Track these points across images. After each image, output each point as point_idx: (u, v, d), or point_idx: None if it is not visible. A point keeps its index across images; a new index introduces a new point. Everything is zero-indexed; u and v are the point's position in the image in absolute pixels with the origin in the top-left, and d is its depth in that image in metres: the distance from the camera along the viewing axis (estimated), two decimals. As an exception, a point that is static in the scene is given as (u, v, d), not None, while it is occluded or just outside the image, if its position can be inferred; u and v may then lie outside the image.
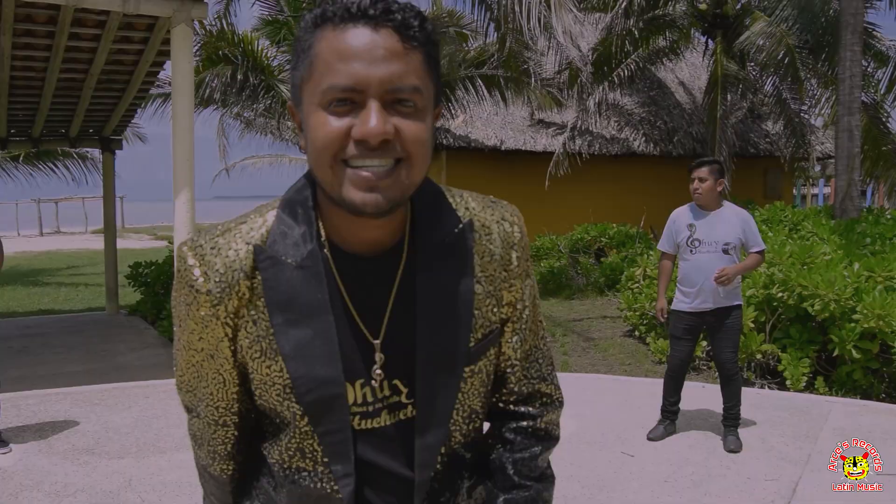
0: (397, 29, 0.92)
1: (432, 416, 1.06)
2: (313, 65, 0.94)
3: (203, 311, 1.03)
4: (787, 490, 4.08)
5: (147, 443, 4.82)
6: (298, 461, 1.08)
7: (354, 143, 0.92)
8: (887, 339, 5.87)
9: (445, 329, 1.05)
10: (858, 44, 9.23)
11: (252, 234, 1.04)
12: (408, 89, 0.92)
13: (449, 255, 1.07)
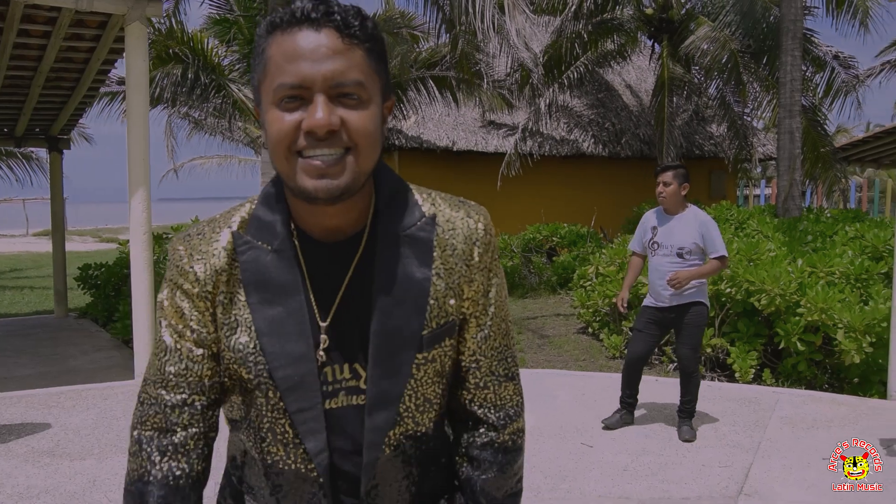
0: (338, 29, 1.01)
1: (382, 399, 1.10)
2: (266, 67, 1.03)
3: (187, 287, 1.11)
4: (740, 475, 4.26)
5: (109, 443, 4.77)
6: (270, 446, 1.12)
7: (304, 134, 1.00)
8: (829, 331, 6.14)
9: (398, 315, 1.10)
10: (798, 49, 9.60)
11: (233, 222, 1.13)
12: (350, 83, 1.01)
13: (408, 246, 1.12)
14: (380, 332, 1.09)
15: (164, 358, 1.14)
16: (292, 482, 1.13)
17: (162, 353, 1.14)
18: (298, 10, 1.01)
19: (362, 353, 1.11)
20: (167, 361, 1.13)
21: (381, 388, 1.10)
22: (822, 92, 13.54)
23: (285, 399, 1.08)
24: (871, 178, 26.24)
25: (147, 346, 6.41)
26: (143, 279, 6.40)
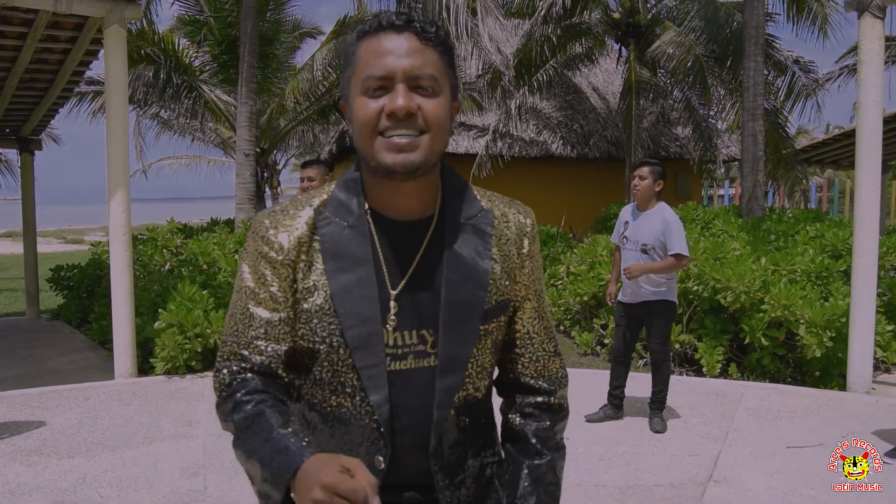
0: (416, 33, 1.20)
1: (451, 363, 1.26)
2: (356, 64, 1.23)
3: (272, 255, 1.26)
4: (709, 463, 4.47)
5: (95, 442, 4.83)
6: (339, 397, 1.26)
7: (387, 116, 1.18)
8: (792, 327, 6.40)
9: (465, 289, 1.27)
10: (761, 54, 9.90)
11: (314, 201, 1.30)
12: (426, 77, 1.19)
13: (470, 233, 1.30)
14: (450, 303, 1.26)
15: (245, 322, 1.28)
16: (355, 430, 1.26)
17: (243, 318, 1.28)
18: (384, 19, 1.21)
19: (430, 321, 1.27)
20: (249, 326, 1.27)
21: (450, 353, 1.26)
22: (783, 95, 13.92)
23: (354, 356, 1.23)
24: (831, 178, 26.92)
25: (128, 346, 6.46)
26: (122, 280, 6.44)
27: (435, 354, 1.27)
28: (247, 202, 10.23)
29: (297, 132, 17.29)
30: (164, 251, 9.04)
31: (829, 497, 3.97)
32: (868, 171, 6.01)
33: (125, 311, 6.45)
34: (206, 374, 6.62)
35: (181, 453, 4.65)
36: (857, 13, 5.98)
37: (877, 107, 6.01)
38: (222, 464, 4.47)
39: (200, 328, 6.56)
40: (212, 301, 6.95)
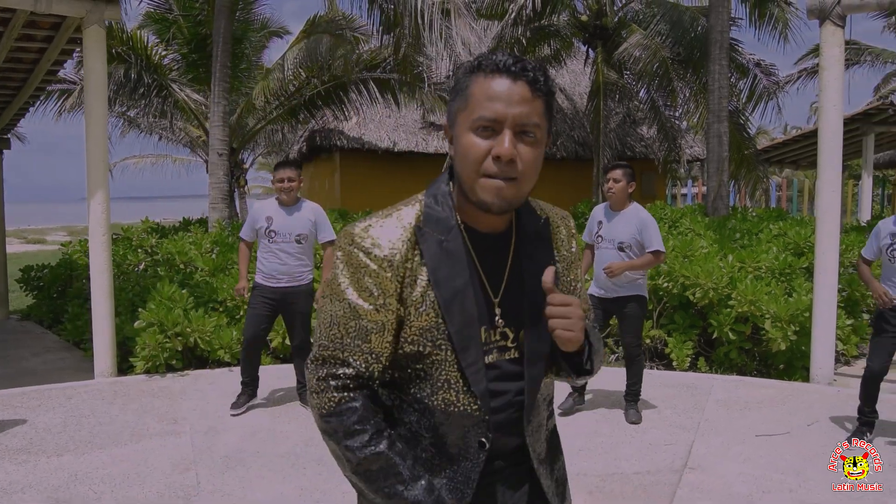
0: (529, 82, 1.33)
1: (536, 355, 1.46)
2: (468, 100, 1.35)
3: (380, 270, 1.37)
4: (683, 452, 4.68)
5: (83, 440, 4.87)
6: (444, 393, 1.41)
7: (492, 158, 1.32)
8: (758, 321, 6.66)
9: (541, 292, 1.42)
10: (725, 58, 10.20)
11: (409, 217, 1.42)
12: (531, 125, 1.33)
13: (538, 240, 1.50)
14: (532, 306, 1.45)
15: (347, 330, 1.40)
16: (460, 420, 1.42)
17: (346, 327, 1.40)
18: (501, 62, 1.33)
19: (512, 321, 1.45)
20: (353, 335, 1.39)
21: (534, 348, 1.46)
22: (745, 97, 14.30)
23: (459, 355, 1.39)
24: (789, 178, 27.61)
25: (108, 345, 6.48)
26: (102, 280, 6.46)
27: (515, 348, 1.45)
28: (220, 201, 10.24)
29: (265, 131, 17.26)
30: (139, 251, 9.02)
31: (798, 482, 4.19)
32: (829, 173, 6.28)
33: (105, 311, 6.47)
34: (186, 372, 6.66)
35: (169, 450, 4.72)
36: (819, 21, 6.25)
37: (837, 110, 6.28)
38: (212, 459, 4.56)
39: (181, 327, 6.60)
40: (191, 300, 6.99)
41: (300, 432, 5.06)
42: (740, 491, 4.08)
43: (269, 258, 5.38)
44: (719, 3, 10.09)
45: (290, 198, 5.39)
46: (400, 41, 11.89)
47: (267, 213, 5.40)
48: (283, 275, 5.37)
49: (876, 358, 4.79)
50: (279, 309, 5.48)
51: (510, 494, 1.53)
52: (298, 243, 5.37)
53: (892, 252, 4.72)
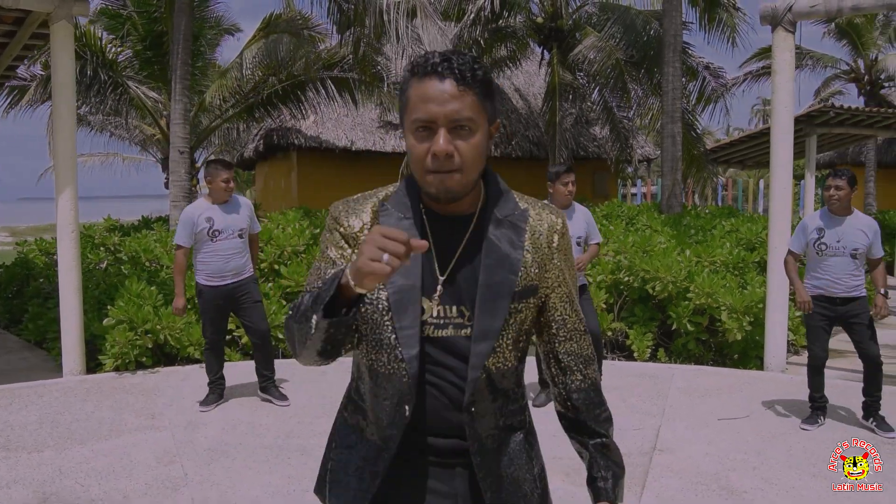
0: (456, 79, 1.41)
1: (484, 333, 1.51)
2: (407, 105, 1.47)
3: (340, 230, 1.57)
4: (651, 436, 4.91)
5: (61, 436, 4.87)
6: (377, 353, 1.53)
7: (431, 156, 1.43)
8: (714, 313, 6.96)
9: (499, 274, 1.52)
10: (678, 61, 10.56)
11: (379, 196, 1.60)
12: (464, 119, 1.42)
13: (507, 228, 1.56)
14: (485, 285, 1.53)
15: (325, 266, 1.55)
16: (389, 382, 1.54)
17: (324, 264, 1.56)
18: (430, 64, 1.43)
19: (468, 299, 1.54)
20: (327, 269, 1.55)
21: (484, 324, 1.52)
22: (694, 98, 14.76)
23: (394, 316, 1.51)
24: (734, 177, 28.44)
25: (76, 343, 6.44)
26: (71, 277, 6.43)
27: (471, 326, 1.54)
28: (182, 199, 10.17)
29: (220, 129, 17.13)
30: (101, 249, 8.94)
31: (760, 461, 4.46)
32: (781, 172, 6.61)
33: (74, 309, 6.43)
34: (157, 369, 6.67)
35: (151, 443, 4.76)
36: (771, 27, 6.57)
37: (788, 111, 6.61)
38: (196, 451, 4.62)
39: (151, 324, 6.60)
40: (160, 297, 6.99)
41: (280, 425, 5.14)
42: (707, 470, 4.33)
43: (213, 258, 5.39)
44: (672, 7, 10.44)
45: (229, 196, 5.46)
46: (359, 40, 11.99)
47: (206, 215, 5.38)
48: (229, 273, 5.42)
49: (815, 345, 5.12)
50: (230, 306, 5.55)
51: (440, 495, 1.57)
52: (241, 238, 5.47)
53: (819, 246, 5.05)
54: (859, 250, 4.96)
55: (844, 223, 5.02)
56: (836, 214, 5.06)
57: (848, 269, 4.97)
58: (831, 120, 13.05)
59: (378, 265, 1.17)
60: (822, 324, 5.06)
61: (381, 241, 1.19)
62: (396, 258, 1.18)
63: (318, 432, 4.95)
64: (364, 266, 1.19)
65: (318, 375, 6.52)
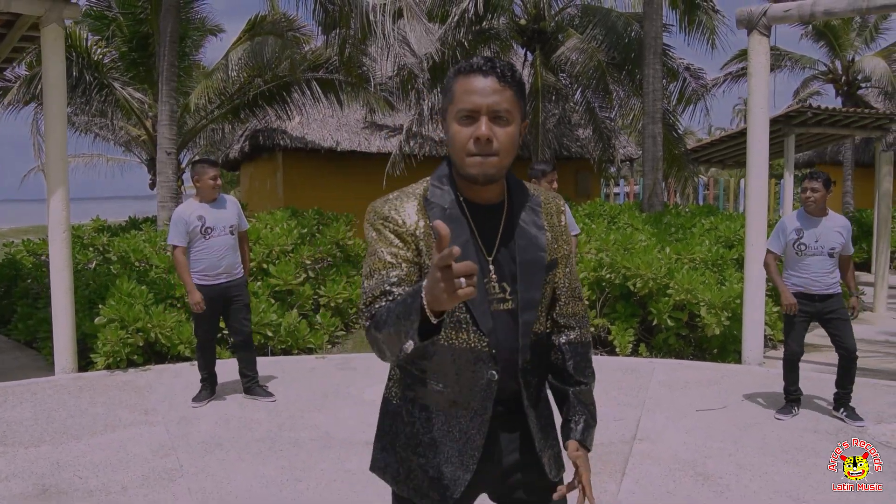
0: (497, 77, 1.65)
1: (528, 304, 1.76)
2: (452, 98, 1.69)
3: (394, 228, 1.71)
4: (632, 426, 5.09)
5: (57, 431, 4.98)
6: (457, 333, 1.71)
7: (473, 140, 1.65)
8: (694, 308, 7.16)
9: (532, 251, 1.77)
10: (659, 62, 10.76)
11: (417, 194, 1.77)
12: (503, 110, 1.65)
13: (529, 212, 1.82)
14: (524, 262, 1.76)
15: (383, 271, 1.68)
16: (470, 355, 1.72)
17: (379, 272, 1.68)
18: (475, 64, 1.67)
19: (508, 276, 1.75)
20: (384, 278, 1.67)
21: (527, 296, 1.76)
22: (675, 99, 14.99)
23: (468, 301, 1.67)
24: (715, 176, 28.79)
25: (68, 342, 6.54)
26: (63, 277, 6.52)
27: (512, 300, 1.75)
28: (169, 200, 10.26)
29: (205, 130, 17.17)
30: (90, 249, 9.01)
31: (735, 448, 4.65)
32: (757, 170, 6.81)
33: (65, 308, 6.53)
34: (149, 367, 6.77)
35: (146, 437, 4.88)
36: (747, 31, 6.77)
37: (763, 112, 6.82)
38: (190, 445, 4.74)
39: (142, 323, 6.71)
40: (151, 296, 7.09)
41: (271, 419, 5.27)
42: (685, 457, 4.50)
43: (206, 256, 5.51)
44: (653, 10, 10.64)
45: (215, 194, 5.59)
46: (345, 41, 12.11)
47: (197, 213, 5.51)
48: (222, 271, 5.55)
49: (791, 340, 5.33)
50: (221, 305, 5.66)
51: (507, 437, 1.82)
52: (231, 234, 5.60)
53: (799, 246, 5.26)
54: (836, 249, 5.17)
55: (821, 224, 5.22)
56: (813, 215, 5.26)
57: (825, 268, 5.18)
58: (809, 120, 13.30)
59: (464, 291, 1.29)
60: (801, 319, 5.26)
61: (451, 272, 1.30)
62: (471, 283, 1.31)
63: (310, 425, 5.09)
64: (449, 297, 1.30)
65: (307, 372, 6.66)
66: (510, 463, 1.84)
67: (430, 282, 1.33)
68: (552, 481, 1.87)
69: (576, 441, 1.85)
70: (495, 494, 1.91)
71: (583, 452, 1.84)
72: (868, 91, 20.56)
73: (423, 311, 1.38)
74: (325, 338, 7.83)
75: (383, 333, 1.54)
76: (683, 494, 3.99)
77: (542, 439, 1.85)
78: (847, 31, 18.68)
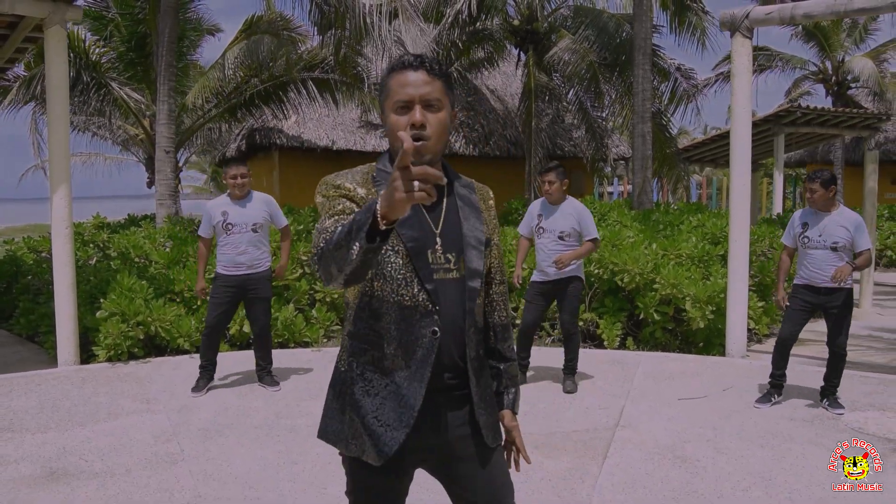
0: (426, 70, 1.85)
1: (473, 273, 1.93)
2: (388, 92, 1.88)
3: (344, 194, 1.86)
4: (616, 414, 5.29)
5: (62, 419, 5.17)
6: (402, 289, 1.86)
7: (409, 126, 1.82)
8: (679, 303, 7.36)
9: (474, 227, 1.97)
10: (648, 63, 10.98)
11: (365, 170, 1.96)
12: (433, 99, 1.85)
13: (467, 194, 2.03)
14: (468, 235, 1.96)
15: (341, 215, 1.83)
16: (415, 312, 1.88)
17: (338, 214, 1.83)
18: (406, 61, 1.87)
19: (452, 247, 1.93)
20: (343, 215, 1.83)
21: (472, 266, 1.95)
22: (667, 99, 15.22)
23: (413, 259, 1.87)
24: (710, 176, 29.05)
25: (71, 335, 6.72)
26: (66, 272, 6.70)
27: (457, 270, 1.93)
28: (168, 198, 10.46)
29: (202, 129, 17.35)
30: (90, 246, 9.20)
31: (714, 434, 4.85)
32: (740, 169, 7.02)
33: (68, 302, 6.71)
34: (149, 360, 6.96)
35: (148, 425, 5.07)
36: (730, 33, 6.98)
37: (746, 111, 7.03)
38: (190, 431, 4.93)
39: (142, 316, 6.90)
40: (151, 291, 7.28)
41: (268, 407, 5.47)
42: (665, 442, 4.71)
43: (228, 250, 5.79)
44: (642, 12, 10.85)
45: (243, 192, 5.83)
46: (340, 42, 12.29)
47: (222, 209, 5.82)
48: (243, 263, 5.79)
49: (786, 325, 5.54)
50: (240, 296, 5.88)
51: (455, 414, 1.95)
52: (255, 232, 5.82)
53: (803, 239, 5.46)
54: (839, 244, 5.33)
55: (826, 218, 5.42)
56: (820, 211, 5.47)
57: (829, 261, 5.34)
58: (798, 120, 13.55)
59: (419, 194, 1.44)
60: (802, 308, 5.47)
61: (412, 174, 1.44)
62: (424, 189, 1.44)
63: (306, 413, 5.28)
64: (400, 197, 1.44)
65: (304, 363, 6.85)
66: (456, 436, 1.96)
67: (388, 189, 1.45)
68: (490, 448, 2.01)
69: (510, 410, 2.11)
70: (438, 466, 2.02)
71: (517, 422, 2.13)
72: (858, 91, 20.81)
73: (375, 218, 1.50)
74: (320, 332, 8.02)
75: (332, 246, 1.63)
76: (661, 475, 4.19)
77: (483, 407, 1.97)
78: (837, 32, 18.93)
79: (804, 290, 5.46)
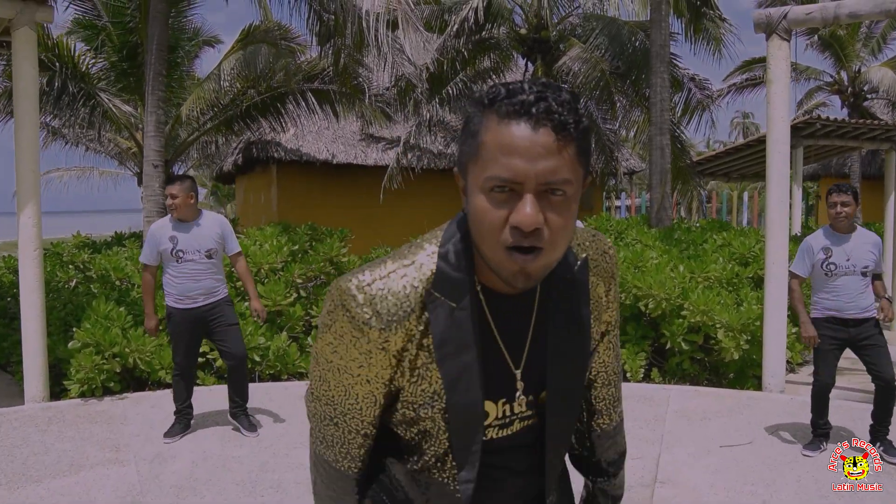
0: (555, 128, 1.04)
1: (561, 416, 1.29)
2: (479, 151, 1.08)
3: (372, 345, 1.16)
4: (651, 465, 4.62)
5: (16, 472, 4.50)
6: (433, 468, 1.26)
7: (510, 228, 1.06)
8: (710, 331, 6.70)
9: (573, 352, 1.26)
10: (666, 72, 10.36)
11: (418, 277, 1.17)
12: (559, 182, 1.05)
13: (571, 288, 1.26)
14: (559, 373, 1.25)
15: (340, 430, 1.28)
16: (440, 493, 1.27)
17: (335, 423, 1.28)
18: (521, 102, 1.05)
19: (535, 387, 1.26)
20: (346, 436, 1.28)
21: (559, 410, 1.28)
22: (680, 110, 14.59)
23: (452, 438, 1.21)
24: (716, 189, 28.41)
25: (39, 369, 6.07)
26: (34, 298, 6.06)
27: (534, 413, 1.28)
28: (156, 214, 9.78)
29: (198, 143, 16.78)
30: (70, 267, 8.56)
31: (770, 493, 4.18)
32: (777, 184, 6.37)
33: (36, 332, 6.06)
34: (125, 395, 6.30)
35: (113, 480, 4.40)
36: (766, 35, 6.36)
37: (784, 122, 6.39)
38: (161, 489, 4.27)
39: (119, 347, 6.24)
40: (129, 319, 6.63)
41: (253, 457, 4.80)
42: (713, 503, 4.04)
43: (180, 279, 5.05)
44: (660, 17, 10.24)
45: (184, 214, 5.06)
46: (340, 52, 11.71)
47: (169, 234, 5.05)
48: (199, 294, 5.07)
49: (823, 370, 4.83)
50: (202, 330, 5.19)
51: None
52: (209, 258, 5.08)
53: (829, 266, 4.77)
54: (869, 268, 4.71)
55: (850, 240, 4.77)
56: (841, 232, 4.80)
57: (859, 289, 4.70)
58: (818, 132, 12.92)
59: None
60: (833, 347, 4.78)
61: None
62: None
63: (294, 465, 4.61)
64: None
65: (296, 400, 6.18)
66: None
67: None
68: None
69: None
70: None
71: None
72: (874, 102, 20.22)
73: None
74: (316, 362, 7.36)
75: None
76: (716, 551, 3.53)
77: None
78: (853, 42, 18.37)
79: (829, 324, 4.77)
